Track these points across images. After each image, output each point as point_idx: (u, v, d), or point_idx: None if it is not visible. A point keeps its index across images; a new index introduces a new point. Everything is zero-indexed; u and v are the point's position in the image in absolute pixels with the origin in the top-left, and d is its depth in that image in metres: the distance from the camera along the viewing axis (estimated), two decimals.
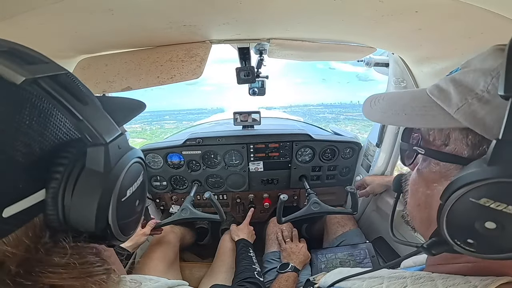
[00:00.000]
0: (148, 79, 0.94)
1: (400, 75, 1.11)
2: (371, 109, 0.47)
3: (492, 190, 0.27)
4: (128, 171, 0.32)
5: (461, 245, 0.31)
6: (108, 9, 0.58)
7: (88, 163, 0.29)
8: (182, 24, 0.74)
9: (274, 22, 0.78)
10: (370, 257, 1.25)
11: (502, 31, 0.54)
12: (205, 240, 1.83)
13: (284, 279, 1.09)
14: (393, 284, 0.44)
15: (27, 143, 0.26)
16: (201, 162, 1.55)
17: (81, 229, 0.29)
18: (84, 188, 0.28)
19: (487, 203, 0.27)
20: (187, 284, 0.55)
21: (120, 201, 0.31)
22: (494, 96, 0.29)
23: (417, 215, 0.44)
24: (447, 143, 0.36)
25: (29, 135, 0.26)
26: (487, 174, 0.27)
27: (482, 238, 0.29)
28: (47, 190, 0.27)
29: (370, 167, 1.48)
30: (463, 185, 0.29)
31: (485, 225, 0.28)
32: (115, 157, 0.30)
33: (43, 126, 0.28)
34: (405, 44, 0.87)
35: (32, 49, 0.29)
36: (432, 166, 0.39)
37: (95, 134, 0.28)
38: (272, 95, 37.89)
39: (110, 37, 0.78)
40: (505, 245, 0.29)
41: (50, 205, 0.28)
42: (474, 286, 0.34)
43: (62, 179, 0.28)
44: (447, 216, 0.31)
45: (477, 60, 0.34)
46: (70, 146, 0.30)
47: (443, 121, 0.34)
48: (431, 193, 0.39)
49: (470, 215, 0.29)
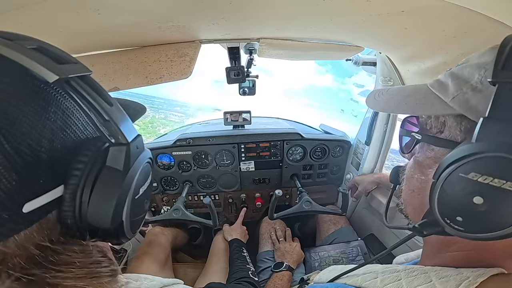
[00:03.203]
0: (136, 79, 0.92)
1: (387, 74, 1.13)
2: (375, 101, 0.50)
3: (479, 164, 0.29)
4: (142, 170, 0.34)
5: (451, 223, 0.33)
6: (95, 8, 0.57)
7: (108, 161, 0.30)
8: (171, 24, 0.73)
9: (264, 22, 0.78)
10: (362, 254, 1.27)
11: (485, 31, 0.56)
12: (198, 240, 1.82)
13: (278, 278, 1.10)
14: (388, 278, 0.45)
15: (50, 140, 0.26)
16: (192, 162, 1.53)
17: (97, 225, 0.29)
18: (104, 185, 0.29)
19: (475, 177, 0.29)
20: (182, 283, 0.55)
21: (134, 199, 0.33)
22: (486, 86, 0.32)
23: (410, 201, 0.46)
24: (443, 130, 0.39)
25: (54, 132, 0.27)
26: (475, 149, 0.29)
27: (470, 215, 0.31)
28: (65, 186, 0.28)
29: (359, 165, 1.50)
30: (453, 161, 0.31)
31: (473, 200, 0.30)
32: (133, 157, 0.32)
33: (66, 124, 0.28)
34: (392, 44, 0.89)
35: (59, 49, 0.29)
36: (427, 152, 0.42)
37: (119, 134, 0.30)
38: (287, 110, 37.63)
39: (97, 37, 0.76)
40: (491, 223, 0.30)
41: (67, 201, 0.28)
42: (466, 278, 0.35)
43: (81, 176, 0.28)
44: (439, 194, 0.33)
45: (475, 57, 0.37)
46: (89, 145, 0.30)
47: (440, 108, 0.37)
48: (425, 179, 0.41)
49: (459, 190, 0.31)
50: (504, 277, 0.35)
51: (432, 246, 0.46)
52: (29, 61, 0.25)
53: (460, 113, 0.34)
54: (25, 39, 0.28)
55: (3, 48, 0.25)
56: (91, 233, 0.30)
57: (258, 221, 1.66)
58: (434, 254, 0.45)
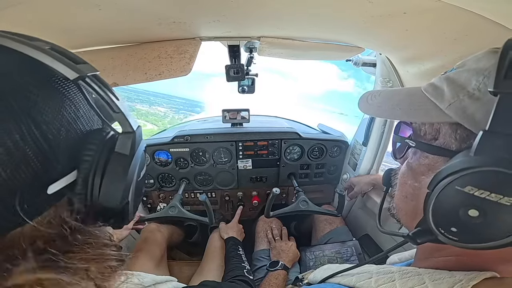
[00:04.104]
0: (135, 75, 0.91)
1: (386, 75, 1.13)
2: (368, 104, 0.49)
3: (476, 178, 0.28)
4: (141, 156, 0.37)
5: (445, 233, 0.33)
6: (95, 4, 0.56)
7: (117, 148, 0.33)
8: (172, 21, 0.73)
9: (264, 20, 0.78)
10: (357, 254, 1.28)
11: (487, 34, 0.56)
12: (194, 238, 1.82)
13: (274, 277, 1.10)
14: (382, 279, 0.45)
15: (68, 129, 0.30)
16: (189, 159, 1.53)
17: (107, 205, 0.32)
18: (114, 169, 0.32)
19: (471, 191, 0.29)
20: (175, 280, 0.55)
21: (137, 181, 0.37)
22: (484, 94, 0.31)
23: (403, 207, 0.46)
24: (437, 137, 0.38)
25: (71, 122, 0.31)
26: (473, 163, 0.28)
27: (465, 227, 0.31)
28: (78, 171, 0.31)
29: (356, 165, 1.50)
30: (449, 173, 0.30)
31: (468, 212, 0.29)
32: (137, 144, 0.35)
33: (81, 115, 0.33)
34: (392, 45, 0.89)
35: (67, 50, 0.33)
36: (421, 159, 0.41)
37: (127, 124, 0.34)
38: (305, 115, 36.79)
39: (97, 33, 0.75)
40: (486, 234, 0.30)
41: (80, 185, 0.31)
42: (459, 280, 0.35)
43: (93, 161, 0.31)
44: (434, 204, 0.33)
45: (472, 61, 0.36)
46: (97, 133, 0.34)
47: (435, 115, 0.36)
48: (419, 185, 0.41)
49: (455, 203, 0.30)
50: (496, 280, 0.35)
51: (424, 250, 0.46)
52: (52, 60, 0.29)
53: (456, 121, 0.34)
54: (36, 40, 0.32)
55: (26, 48, 0.28)
56: (101, 214, 0.33)
57: (254, 220, 1.66)
58: (427, 257, 0.45)
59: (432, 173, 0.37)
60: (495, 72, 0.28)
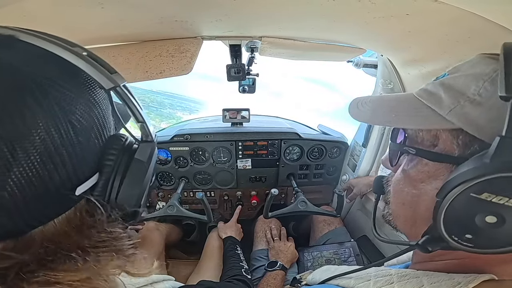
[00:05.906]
0: (137, 73, 0.91)
1: (387, 76, 1.13)
2: (359, 111, 0.48)
3: (494, 184, 0.28)
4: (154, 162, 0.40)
5: (459, 240, 0.32)
6: (98, 3, 0.56)
7: (137, 155, 0.35)
8: (174, 20, 0.73)
9: (266, 20, 0.78)
10: (354, 255, 1.28)
11: (489, 36, 0.56)
12: (192, 237, 1.81)
13: (272, 277, 1.10)
14: (380, 281, 0.45)
15: (96, 135, 0.32)
16: (189, 158, 1.53)
17: (124, 206, 0.34)
18: (133, 173, 0.34)
19: (488, 198, 0.28)
20: (173, 279, 0.56)
21: (149, 186, 0.39)
22: (487, 99, 0.31)
23: (401, 214, 0.45)
24: (436, 144, 0.38)
25: (99, 129, 0.32)
26: (490, 169, 0.28)
27: (481, 233, 0.30)
28: (100, 174, 0.33)
29: (356, 166, 1.50)
30: (464, 181, 0.30)
31: (485, 219, 0.29)
32: (153, 151, 0.38)
33: (109, 122, 0.35)
34: (394, 46, 0.89)
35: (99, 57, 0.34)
36: (420, 166, 0.40)
37: (149, 133, 0.36)
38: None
39: (99, 31, 0.75)
40: (504, 239, 0.30)
41: (100, 187, 0.33)
42: (457, 283, 0.35)
43: (114, 166, 0.33)
44: (445, 213, 0.32)
45: (466, 66, 0.36)
46: (119, 140, 0.35)
47: (435, 122, 0.36)
48: (417, 193, 0.40)
49: (470, 210, 0.30)
50: (494, 283, 0.35)
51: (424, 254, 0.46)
52: (90, 68, 0.31)
53: (458, 127, 0.33)
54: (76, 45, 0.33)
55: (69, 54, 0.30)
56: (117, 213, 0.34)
57: (253, 219, 1.66)
58: (427, 261, 0.44)
59: (433, 179, 0.37)
60: (503, 77, 0.28)
